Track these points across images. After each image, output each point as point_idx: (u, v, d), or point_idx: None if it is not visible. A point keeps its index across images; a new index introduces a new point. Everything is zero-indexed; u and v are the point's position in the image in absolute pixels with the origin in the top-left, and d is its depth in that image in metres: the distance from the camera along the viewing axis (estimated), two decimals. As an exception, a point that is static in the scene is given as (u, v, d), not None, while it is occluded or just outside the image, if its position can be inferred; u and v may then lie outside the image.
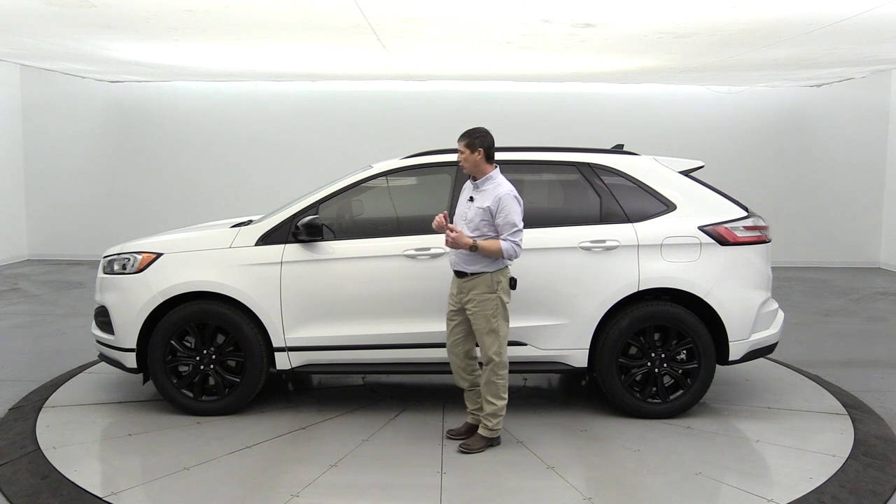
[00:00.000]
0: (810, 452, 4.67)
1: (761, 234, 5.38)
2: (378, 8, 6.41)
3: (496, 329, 4.56)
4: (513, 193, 4.52)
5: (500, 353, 4.59)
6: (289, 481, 4.20)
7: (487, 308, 4.53)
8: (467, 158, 4.57)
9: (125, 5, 6.48)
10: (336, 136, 12.68)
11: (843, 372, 6.54)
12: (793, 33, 7.28)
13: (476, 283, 4.54)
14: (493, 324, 4.55)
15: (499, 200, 4.47)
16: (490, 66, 10.19)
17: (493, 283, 4.53)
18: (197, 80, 12.52)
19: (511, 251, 4.47)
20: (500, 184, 4.56)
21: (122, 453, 4.67)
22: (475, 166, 4.59)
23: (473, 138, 4.56)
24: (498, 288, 4.55)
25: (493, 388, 4.63)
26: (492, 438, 4.69)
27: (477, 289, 4.54)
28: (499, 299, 4.55)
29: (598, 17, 6.70)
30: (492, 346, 4.57)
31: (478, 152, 4.55)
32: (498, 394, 4.64)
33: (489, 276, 4.53)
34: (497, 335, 4.57)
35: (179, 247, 5.35)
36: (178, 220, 9.83)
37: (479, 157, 4.56)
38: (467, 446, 4.64)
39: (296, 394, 5.83)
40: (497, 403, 4.64)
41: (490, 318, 4.54)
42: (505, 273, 4.60)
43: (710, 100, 12.69)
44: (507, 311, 4.63)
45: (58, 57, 9.88)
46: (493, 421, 4.66)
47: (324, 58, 9.44)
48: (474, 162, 4.57)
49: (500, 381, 4.62)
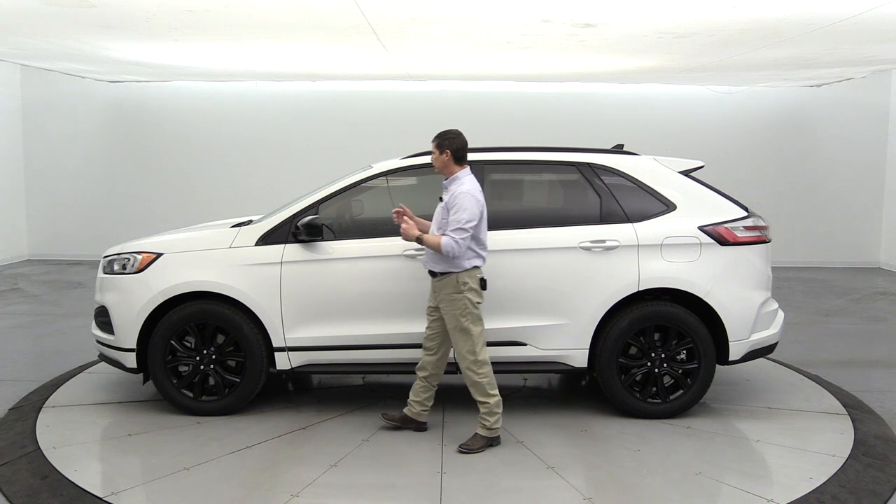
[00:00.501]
0: (810, 452, 4.67)
1: (761, 234, 5.38)
2: (378, 8, 6.41)
3: (466, 329, 4.60)
4: (471, 193, 4.56)
5: (474, 352, 4.61)
6: (289, 481, 4.20)
7: (455, 308, 4.59)
8: (437, 159, 4.70)
9: (125, 5, 6.48)
10: (336, 136, 12.69)
11: (843, 372, 6.54)
12: (793, 33, 7.28)
13: (445, 283, 4.61)
14: (462, 323, 4.59)
15: (455, 198, 4.55)
16: (490, 66, 10.19)
17: (459, 284, 4.58)
18: (197, 80, 12.53)
19: (448, 247, 4.48)
20: (463, 183, 4.63)
21: (122, 453, 4.67)
22: (444, 167, 4.70)
23: (443, 140, 4.68)
24: (464, 289, 4.58)
25: (479, 387, 4.65)
26: (491, 437, 4.70)
27: (445, 289, 4.61)
28: (466, 300, 4.58)
29: (598, 17, 6.70)
30: (464, 345, 4.62)
31: (446, 153, 4.66)
32: (486, 391, 4.64)
33: (454, 277, 4.58)
34: (468, 335, 4.60)
35: (179, 247, 5.35)
36: (178, 220, 9.83)
37: (448, 158, 4.67)
38: (467, 446, 4.65)
39: (296, 394, 5.83)
40: (489, 401, 4.65)
41: (458, 317, 4.59)
42: (472, 274, 4.63)
43: (710, 100, 12.69)
44: (478, 311, 4.65)
45: (58, 57, 9.88)
46: (490, 419, 4.66)
47: (324, 58, 9.44)
48: (443, 162, 4.69)
49: (483, 380, 4.63)
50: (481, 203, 4.59)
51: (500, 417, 4.70)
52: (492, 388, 4.66)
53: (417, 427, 4.95)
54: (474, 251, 4.62)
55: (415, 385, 4.94)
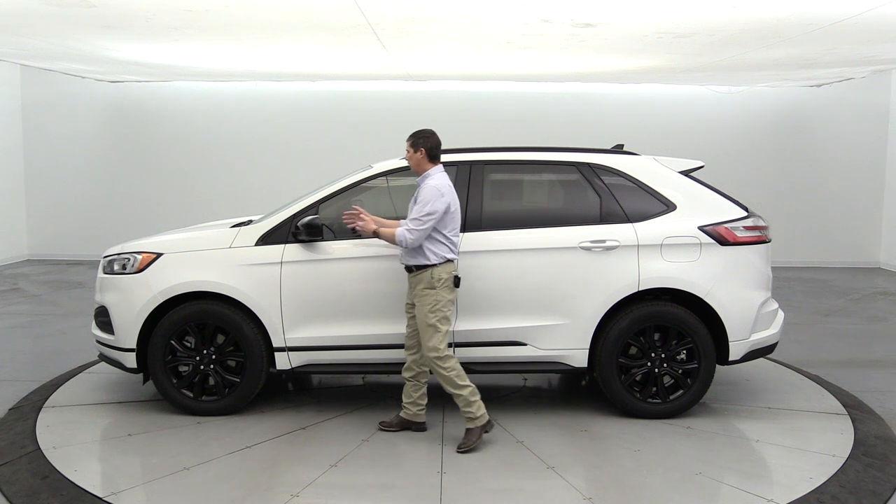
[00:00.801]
0: (810, 452, 4.67)
1: (761, 234, 5.38)
2: (378, 8, 6.41)
3: (434, 325, 4.63)
4: (436, 187, 4.63)
5: (436, 349, 4.64)
6: (289, 481, 4.20)
7: (426, 303, 4.64)
8: (411, 157, 4.80)
9: (125, 5, 6.48)
10: (336, 136, 12.69)
11: (843, 372, 6.54)
12: (793, 33, 7.28)
13: (419, 278, 4.67)
14: (430, 319, 4.63)
15: (420, 192, 4.67)
16: (490, 66, 10.19)
17: (434, 280, 4.62)
18: (197, 80, 12.52)
19: (401, 237, 4.58)
20: (433, 179, 4.71)
21: (122, 453, 4.67)
22: (417, 164, 4.79)
23: (417, 138, 4.78)
24: (438, 284, 4.62)
25: (448, 380, 4.67)
26: (482, 426, 4.71)
27: (420, 284, 4.66)
28: (438, 295, 4.62)
29: (598, 17, 6.70)
30: (429, 339, 4.65)
31: (420, 152, 4.75)
32: (455, 384, 4.66)
33: (429, 272, 4.63)
34: (435, 331, 4.63)
35: (179, 247, 5.35)
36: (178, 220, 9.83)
37: (421, 157, 4.76)
38: (465, 445, 4.65)
39: (296, 394, 5.83)
40: (461, 392, 4.66)
41: (428, 313, 4.63)
42: (447, 269, 4.66)
43: (710, 100, 12.69)
44: (448, 308, 4.68)
45: (58, 57, 9.88)
46: (472, 409, 4.68)
47: (324, 58, 9.44)
48: (417, 161, 4.78)
49: (450, 374, 4.66)
50: (446, 199, 4.63)
51: (480, 404, 4.70)
52: (461, 379, 4.68)
53: (417, 428, 4.96)
54: (445, 245, 4.66)
55: (405, 387, 4.96)
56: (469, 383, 4.70)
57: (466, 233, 5.14)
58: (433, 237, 4.63)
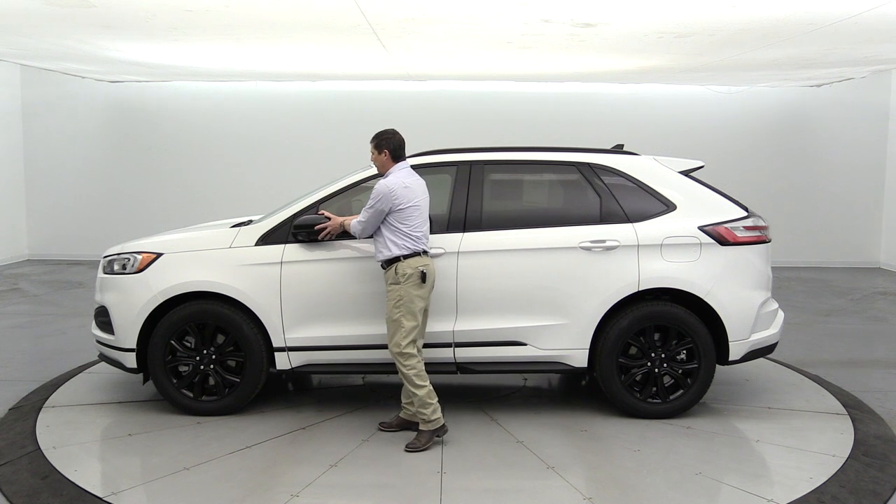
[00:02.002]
0: (810, 452, 4.67)
1: (761, 234, 5.38)
2: (378, 8, 6.41)
3: (397, 320, 4.65)
4: (385, 183, 4.70)
5: (398, 345, 4.64)
6: (289, 481, 4.20)
7: (391, 298, 4.68)
8: (376, 158, 4.88)
9: (125, 5, 6.48)
10: (336, 136, 12.68)
11: (843, 372, 6.54)
12: (793, 33, 7.28)
13: (388, 274, 4.73)
14: (394, 314, 4.65)
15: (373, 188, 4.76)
16: (490, 66, 10.19)
17: (398, 275, 4.66)
18: (197, 80, 12.53)
19: (354, 227, 4.82)
20: (385, 177, 4.79)
21: (122, 453, 4.67)
22: (383, 165, 4.87)
23: (381, 140, 4.85)
24: (402, 280, 4.65)
25: (407, 378, 4.68)
26: (435, 430, 4.70)
27: (388, 280, 4.73)
28: (403, 290, 4.64)
29: (598, 17, 6.70)
30: (392, 335, 4.67)
31: (384, 153, 4.82)
32: (413, 383, 4.66)
33: (393, 267, 4.69)
34: (399, 326, 4.65)
35: (179, 247, 5.35)
36: (178, 220, 9.83)
37: (386, 158, 4.84)
38: (413, 445, 4.66)
39: (296, 394, 5.83)
40: (418, 392, 4.66)
41: (392, 308, 4.66)
42: (411, 265, 4.67)
43: (710, 100, 12.69)
44: (413, 304, 4.66)
45: (58, 57, 9.88)
46: (425, 412, 4.67)
47: (324, 58, 9.44)
48: (382, 162, 4.86)
49: (409, 371, 4.66)
50: (394, 192, 4.65)
51: (436, 408, 4.69)
52: (420, 379, 4.67)
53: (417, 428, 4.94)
54: (408, 238, 4.68)
55: (404, 388, 4.93)
56: (427, 384, 4.68)
57: (466, 233, 5.14)
58: (394, 229, 4.68)
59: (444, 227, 5.19)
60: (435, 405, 4.69)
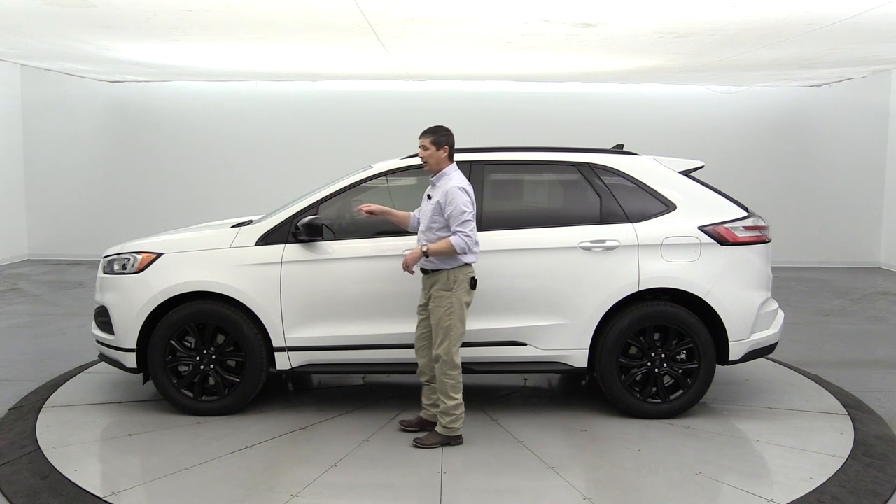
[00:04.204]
0: (810, 452, 4.67)
1: (761, 234, 5.38)
2: (378, 8, 6.41)
3: (448, 327, 4.59)
4: (461, 185, 4.60)
5: (448, 352, 4.60)
6: (289, 481, 4.20)
7: (442, 305, 4.59)
8: (432, 155, 4.69)
9: (125, 5, 6.48)
10: (336, 136, 12.68)
11: (843, 372, 6.54)
12: (793, 33, 7.28)
13: (436, 279, 4.63)
14: (444, 322, 4.59)
15: (446, 193, 4.57)
16: (490, 66, 10.20)
17: (450, 281, 4.58)
18: (197, 80, 12.53)
19: (461, 244, 4.50)
20: (452, 178, 4.66)
21: (122, 453, 4.67)
22: (438, 163, 4.70)
23: (440, 135, 4.68)
24: (454, 286, 4.59)
25: (443, 386, 4.65)
26: (449, 437, 4.69)
27: (436, 285, 4.62)
28: (454, 297, 4.59)
29: (597, 17, 6.70)
30: (442, 343, 4.61)
31: (443, 149, 4.68)
32: (447, 393, 4.64)
33: (445, 273, 4.59)
34: (448, 334, 4.59)
35: (179, 247, 5.35)
36: (179, 220, 9.82)
37: (444, 154, 4.69)
38: (420, 441, 4.67)
39: (296, 394, 5.83)
40: (447, 402, 4.64)
41: (443, 315, 4.59)
42: (464, 271, 4.63)
43: (710, 100, 12.69)
44: (464, 311, 4.65)
45: (58, 57, 9.88)
46: (446, 419, 4.66)
47: (324, 58, 9.44)
48: (438, 159, 4.69)
49: (448, 381, 4.62)
50: (472, 194, 4.63)
51: (457, 419, 4.67)
52: (455, 391, 4.65)
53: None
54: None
55: (424, 389, 4.91)
56: (459, 398, 4.66)
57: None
58: None
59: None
60: (459, 416, 4.67)
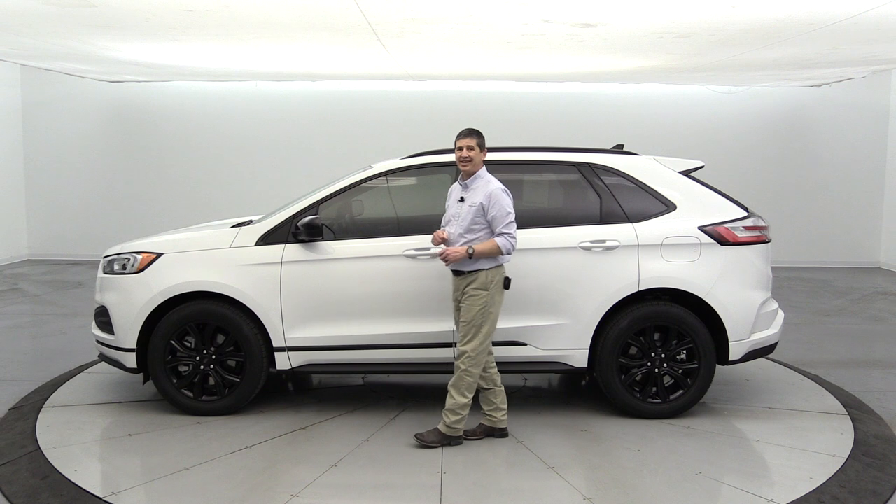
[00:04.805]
0: (810, 452, 4.67)
1: (761, 234, 5.38)
2: (378, 8, 6.41)
3: (479, 325, 4.59)
4: (502, 188, 4.62)
5: (476, 350, 4.59)
6: (289, 481, 4.20)
7: (477, 304, 4.58)
8: (476, 156, 4.68)
9: (125, 5, 6.48)
10: (336, 136, 12.69)
11: (843, 372, 6.54)
12: (793, 33, 7.28)
13: (473, 278, 4.60)
14: (477, 320, 4.58)
15: (489, 196, 4.56)
16: (490, 66, 10.19)
17: (488, 280, 4.58)
18: (197, 80, 12.53)
19: (506, 245, 4.52)
20: (490, 180, 4.67)
21: (122, 453, 4.67)
22: (477, 165, 4.70)
23: (483, 138, 4.71)
24: (491, 286, 4.58)
25: (460, 383, 4.63)
26: (449, 437, 4.68)
27: (472, 284, 4.60)
28: (490, 297, 4.58)
29: (597, 17, 6.70)
30: (471, 340, 4.59)
31: (484, 152, 4.72)
32: (462, 391, 4.62)
33: (483, 273, 4.58)
34: (478, 332, 4.59)
35: (179, 247, 5.35)
36: (178, 220, 9.84)
37: (484, 156, 4.72)
38: (422, 437, 4.66)
39: (296, 394, 5.83)
40: (459, 400, 4.62)
41: (477, 314, 4.58)
42: (500, 272, 4.63)
43: (710, 100, 12.69)
44: (498, 310, 4.65)
45: (58, 57, 9.88)
46: (452, 418, 4.64)
47: (324, 58, 9.44)
48: (479, 160, 4.70)
49: (468, 379, 4.61)
50: (511, 196, 4.65)
51: (462, 420, 4.66)
52: (469, 391, 4.64)
53: (500, 434, 4.86)
54: None
55: (484, 395, 4.83)
56: (469, 400, 4.66)
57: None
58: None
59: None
60: (464, 417, 4.67)
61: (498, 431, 4.85)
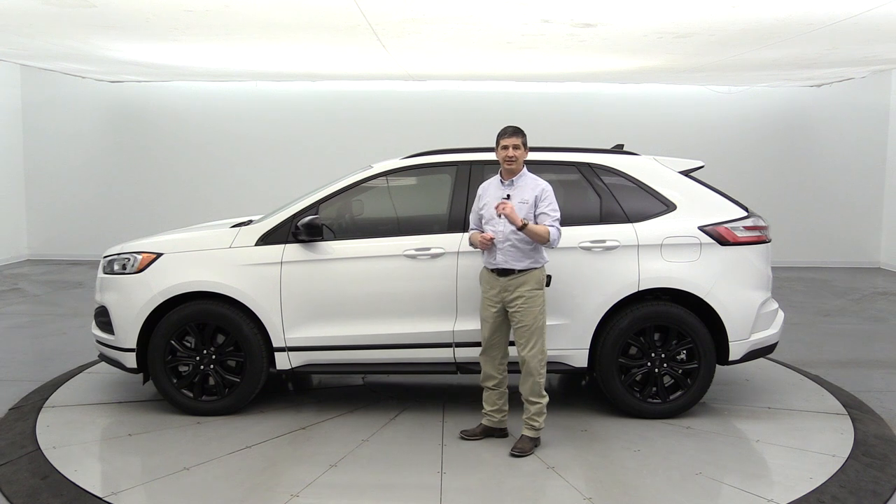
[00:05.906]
0: (810, 452, 4.67)
1: (761, 234, 5.38)
2: (378, 8, 6.41)
3: (542, 326, 4.60)
4: (550, 187, 4.68)
5: (543, 351, 4.62)
6: (289, 481, 4.20)
7: (536, 304, 4.57)
8: (522, 155, 4.70)
9: (125, 5, 6.48)
10: (336, 136, 12.68)
11: (843, 372, 6.54)
12: (793, 33, 7.28)
13: (526, 279, 4.57)
14: (539, 321, 4.58)
15: (543, 191, 4.61)
16: (490, 66, 10.19)
17: (541, 279, 4.61)
18: (197, 80, 12.52)
19: (556, 234, 4.55)
20: (537, 178, 4.71)
21: (122, 453, 4.67)
22: (521, 164, 4.72)
23: (525, 137, 4.73)
24: (543, 284, 4.63)
25: (537, 387, 4.63)
26: (538, 438, 4.70)
27: (526, 285, 4.56)
28: (545, 295, 4.62)
29: (597, 17, 6.70)
30: (537, 343, 4.58)
31: (527, 150, 4.75)
32: (540, 392, 4.64)
33: (537, 272, 4.59)
34: (542, 333, 4.60)
35: (179, 247, 5.35)
36: (178, 220, 9.83)
37: (526, 155, 4.75)
38: (520, 450, 4.58)
39: (296, 394, 5.83)
40: (541, 401, 4.64)
41: (538, 314, 4.58)
42: (545, 268, 4.68)
43: (710, 100, 12.69)
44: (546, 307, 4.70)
45: (58, 57, 9.88)
46: (540, 420, 4.66)
47: (324, 58, 9.44)
48: (523, 159, 4.73)
49: (541, 380, 4.64)
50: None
51: (545, 415, 4.70)
52: (543, 390, 4.68)
53: (500, 434, 4.85)
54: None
55: (488, 395, 4.83)
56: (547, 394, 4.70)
57: (466, 232, 5.13)
58: None
59: (444, 227, 5.20)
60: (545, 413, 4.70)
61: (498, 431, 4.85)
